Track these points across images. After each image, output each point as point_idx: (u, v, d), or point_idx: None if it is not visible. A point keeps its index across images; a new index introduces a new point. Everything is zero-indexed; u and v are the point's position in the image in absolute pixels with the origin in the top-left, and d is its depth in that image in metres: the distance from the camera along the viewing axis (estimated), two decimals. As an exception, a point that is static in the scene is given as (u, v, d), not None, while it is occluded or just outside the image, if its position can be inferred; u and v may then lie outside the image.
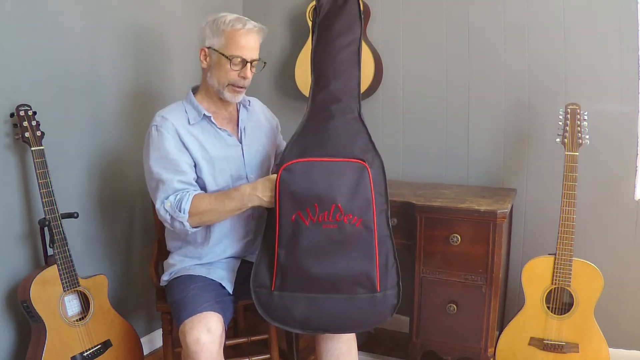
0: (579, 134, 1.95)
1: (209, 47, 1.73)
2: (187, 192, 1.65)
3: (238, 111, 1.86)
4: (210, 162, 1.73)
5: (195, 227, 1.67)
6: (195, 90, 1.83)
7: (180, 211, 1.62)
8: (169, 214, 1.64)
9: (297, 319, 1.62)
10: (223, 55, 1.69)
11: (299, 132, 1.66)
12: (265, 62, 1.80)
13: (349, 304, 1.60)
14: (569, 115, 1.96)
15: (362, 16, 1.76)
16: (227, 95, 1.74)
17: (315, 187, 1.54)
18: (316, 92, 1.72)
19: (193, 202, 1.63)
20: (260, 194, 1.61)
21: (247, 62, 1.71)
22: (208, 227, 1.77)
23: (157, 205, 1.66)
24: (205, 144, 1.74)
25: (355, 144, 1.63)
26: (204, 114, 1.75)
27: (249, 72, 1.72)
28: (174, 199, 1.64)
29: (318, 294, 1.59)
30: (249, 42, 1.71)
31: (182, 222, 1.63)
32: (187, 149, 1.71)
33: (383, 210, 1.61)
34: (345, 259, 1.57)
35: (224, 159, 1.76)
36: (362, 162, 1.56)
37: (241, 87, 1.74)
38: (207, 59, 1.75)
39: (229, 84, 1.72)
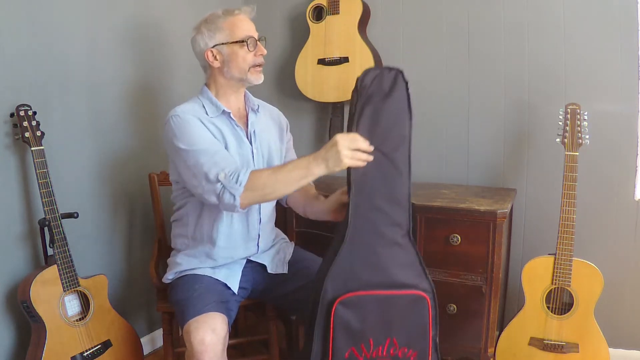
0: (579, 134, 1.95)
1: (214, 46, 1.71)
2: (243, 168, 1.58)
3: (247, 114, 1.81)
4: None
5: (243, 207, 1.57)
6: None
7: (236, 183, 1.53)
8: (222, 184, 1.54)
9: None
10: (235, 42, 1.69)
11: (342, 250, 1.48)
12: (265, 37, 1.80)
13: None
14: (569, 115, 1.96)
15: (412, 110, 1.49)
16: (252, 78, 1.74)
17: (371, 322, 1.47)
18: (359, 203, 1.49)
19: (251, 176, 1.54)
20: (331, 157, 1.45)
21: (256, 40, 1.73)
22: (214, 232, 1.74)
23: (211, 175, 1.55)
24: (226, 136, 1.72)
25: (408, 269, 1.52)
26: (224, 110, 1.73)
27: (263, 48, 1.74)
28: (229, 171, 1.55)
29: None
30: (249, 22, 1.74)
31: (233, 195, 1.53)
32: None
33: (435, 343, 1.54)
34: None
35: (238, 156, 1.73)
36: (422, 293, 1.50)
37: (260, 66, 1.76)
38: (218, 56, 1.72)
39: (250, 67, 1.72)
